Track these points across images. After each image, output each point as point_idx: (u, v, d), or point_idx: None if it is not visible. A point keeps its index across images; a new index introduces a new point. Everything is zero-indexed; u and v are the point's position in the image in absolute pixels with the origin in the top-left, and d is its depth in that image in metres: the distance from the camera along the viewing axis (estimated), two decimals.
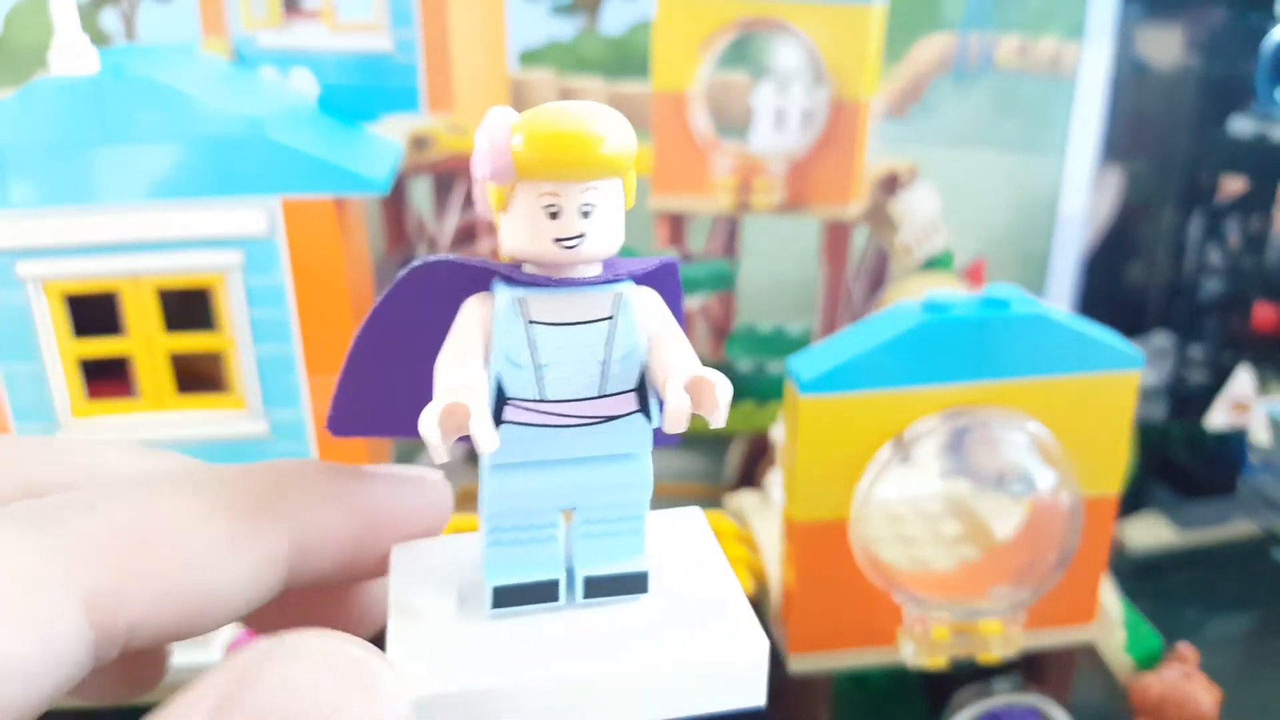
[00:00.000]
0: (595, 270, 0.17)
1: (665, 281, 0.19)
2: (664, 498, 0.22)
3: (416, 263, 0.18)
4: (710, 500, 0.46)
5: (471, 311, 0.17)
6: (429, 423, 0.16)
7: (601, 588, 0.18)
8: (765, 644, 0.18)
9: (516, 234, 0.17)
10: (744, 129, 0.60)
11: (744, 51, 0.61)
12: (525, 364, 0.17)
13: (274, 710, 0.14)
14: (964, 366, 0.34)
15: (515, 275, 0.17)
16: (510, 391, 0.17)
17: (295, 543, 0.19)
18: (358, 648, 0.16)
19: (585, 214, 0.17)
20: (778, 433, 0.45)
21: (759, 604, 0.40)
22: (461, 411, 0.16)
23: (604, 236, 0.17)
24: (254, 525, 0.18)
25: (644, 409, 0.18)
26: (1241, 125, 0.61)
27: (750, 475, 0.58)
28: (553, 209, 0.16)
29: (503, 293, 0.17)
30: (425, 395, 0.17)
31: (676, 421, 0.16)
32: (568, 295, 0.17)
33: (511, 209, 0.17)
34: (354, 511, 0.20)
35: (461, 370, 0.17)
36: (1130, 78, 0.69)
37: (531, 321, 0.17)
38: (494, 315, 0.17)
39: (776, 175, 0.60)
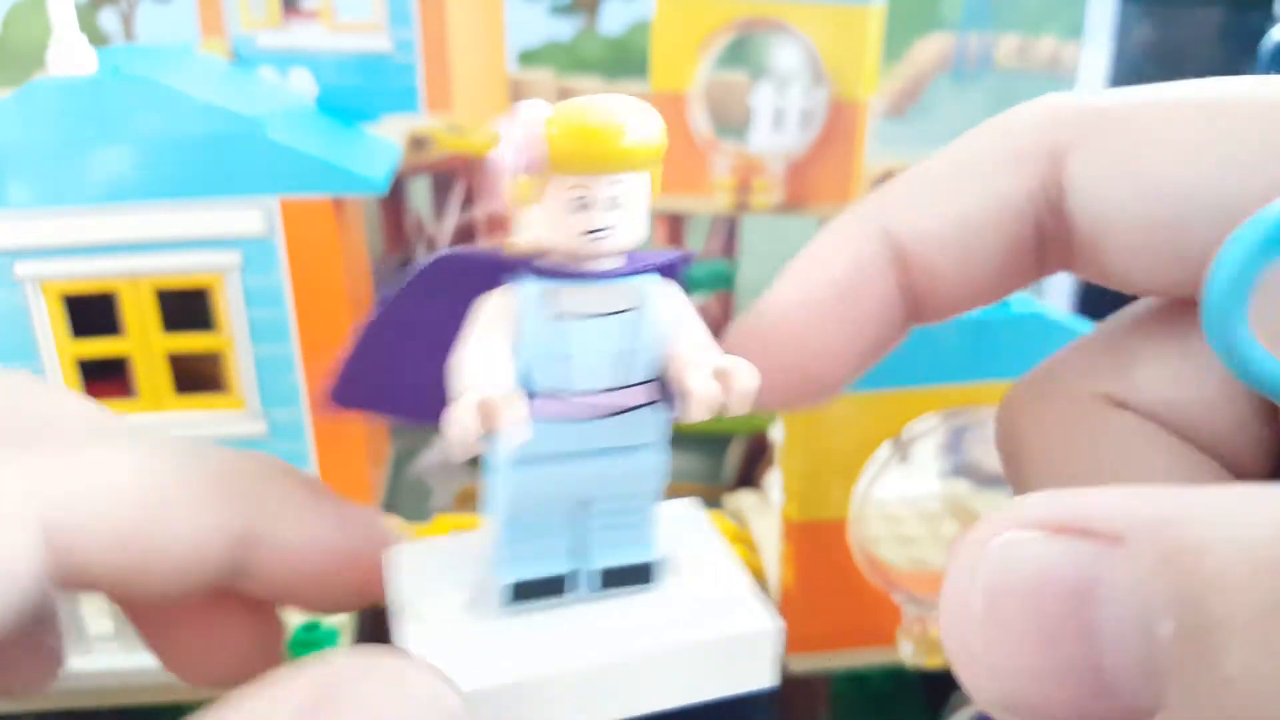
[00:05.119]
0: (618, 262, 0.18)
1: (677, 274, 0.19)
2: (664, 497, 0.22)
3: (441, 254, 0.18)
4: (710, 500, 0.46)
5: (496, 304, 0.17)
6: (464, 417, 0.16)
7: (616, 579, 0.19)
8: (778, 622, 0.18)
9: (544, 226, 0.17)
10: (743, 129, 0.60)
11: (743, 51, 0.60)
12: (552, 357, 0.17)
13: None
14: (963, 366, 0.34)
15: (540, 268, 0.17)
16: (536, 384, 0.17)
17: (250, 528, 0.19)
18: (439, 679, 0.16)
19: (613, 206, 0.17)
20: (777, 433, 0.45)
21: None
22: (496, 405, 0.16)
23: (630, 228, 0.17)
24: (216, 494, 0.18)
25: (665, 398, 0.18)
26: None
27: (749, 475, 0.58)
28: (581, 201, 0.17)
29: (530, 285, 0.17)
30: (430, 382, 0.17)
31: (703, 409, 0.16)
32: (594, 287, 0.17)
33: (541, 201, 0.17)
34: (313, 524, 0.20)
35: (491, 364, 0.17)
36: (1130, 78, 0.69)
37: (559, 314, 0.17)
38: (521, 308, 0.17)
39: (775, 175, 0.60)
